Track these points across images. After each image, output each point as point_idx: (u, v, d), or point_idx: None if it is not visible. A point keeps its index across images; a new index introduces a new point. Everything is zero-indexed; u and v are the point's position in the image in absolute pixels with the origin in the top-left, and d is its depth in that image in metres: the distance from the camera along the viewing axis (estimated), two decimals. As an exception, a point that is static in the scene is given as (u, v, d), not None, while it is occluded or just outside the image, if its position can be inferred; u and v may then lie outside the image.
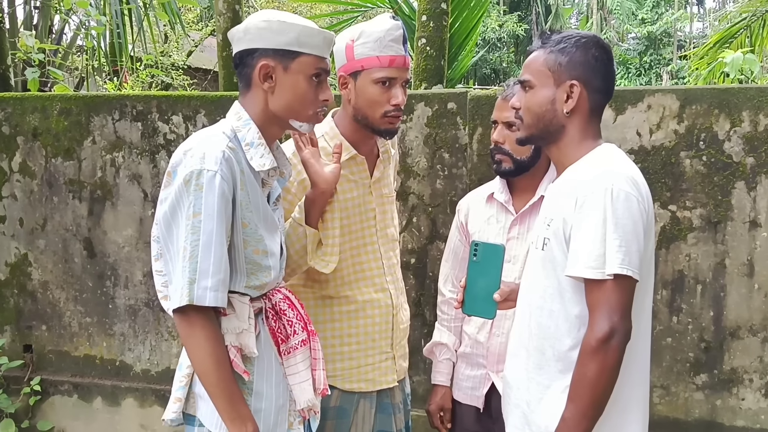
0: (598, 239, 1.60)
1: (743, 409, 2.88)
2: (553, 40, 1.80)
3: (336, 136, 2.18)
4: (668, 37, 27.05)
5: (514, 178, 2.37)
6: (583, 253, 1.61)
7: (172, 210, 1.72)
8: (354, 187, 2.21)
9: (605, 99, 1.80)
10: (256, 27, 1.80)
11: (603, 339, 1.58)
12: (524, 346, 1.80)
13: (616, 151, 1.78)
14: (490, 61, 25.39)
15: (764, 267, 2.81)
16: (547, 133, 1.80)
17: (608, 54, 1.78)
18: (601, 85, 1.77)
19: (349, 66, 2.11)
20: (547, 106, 1.78)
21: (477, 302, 1.87)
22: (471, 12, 5.68)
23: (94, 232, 3.54)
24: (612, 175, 1.65)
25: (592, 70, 1.75)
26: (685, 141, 2.84)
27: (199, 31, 13.26)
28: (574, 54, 1.75)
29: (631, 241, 1.60)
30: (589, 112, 1.77)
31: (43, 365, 3.67)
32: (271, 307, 1.89)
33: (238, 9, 4.84)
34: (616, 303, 1.60)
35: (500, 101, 2.37)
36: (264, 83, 1.81)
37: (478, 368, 2.41)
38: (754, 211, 2.81)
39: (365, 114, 2.13)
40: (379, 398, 2.28)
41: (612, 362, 1.60)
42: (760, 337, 2.84)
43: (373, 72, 2.09)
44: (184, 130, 3.39)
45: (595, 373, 1.60)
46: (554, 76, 1.77)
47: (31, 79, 4.46)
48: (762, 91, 2.79)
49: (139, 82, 9.64)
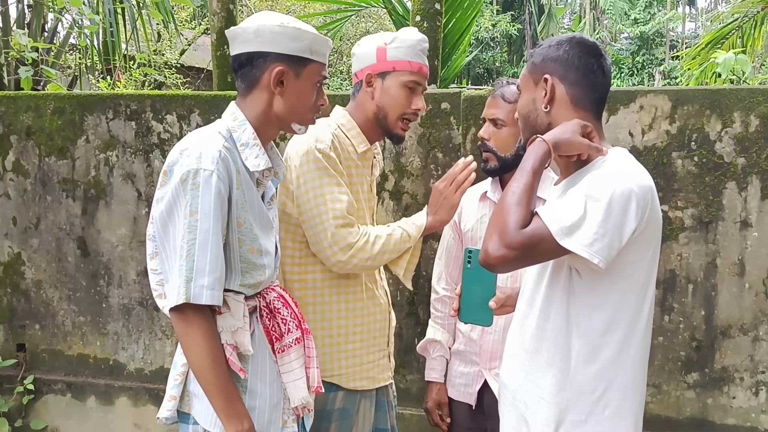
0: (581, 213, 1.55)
1: (734, 407, 2.90)
2: (534, 49, 1.84)
3: (354, 127, 2.26)
4: (660, 37, 27.17)
5: (501, 175, 2.41)
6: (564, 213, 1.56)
7: (168, 209, 1.73)
8: (364, 181, 2.30)
9: (590, 92, 1.76)
10: (271, 31, 1.81)
11: (505, 238, 1.56)
12: (523, 347, 1.80)
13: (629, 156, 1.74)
14: (484, 61, 25.47)
15: (755, 266, 2.84)
16: (536, 133, 1.79)
17: (587, 48, 1.77)
18: (578, 77, 1.74)
19: (380, 66, 2.22)
20: (530, 106, 1.80)
21: (473, 310, 1.87)
22: (464, 12, 5.69)
23: (87, 231, 3.54)
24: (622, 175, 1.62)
25: (564, 64, 1.75)
26: (677, 141, 2.86)
27: (192, 29, 13.24)
28: (548, 52, 1.78)
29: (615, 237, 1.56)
30: (572, 106, 1.75)
31: (37, 364, 3.67)
32: (266, 306, 1.91)
33: (232, 8, 4.84)
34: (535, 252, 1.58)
35: (489, 98, 2.41)
36: (276, 87, 1.83)
37: (472, 365, 2.44)
38: (745, 211, 2.83)
39: (386, 113, 2.23)
40: (377, 396, 2.32)
41: (484, 246, 1.60)
42: (751, 336, 2.86)
43: (403, 75, 2.21)
44: (178, 130, 3.39)
45: None
46: (533, 77, 1.80)
47: (24, 78, 4.45)
48: (753, 92, 2.82)
49: (132, 81, 9.62)
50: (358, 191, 2.24)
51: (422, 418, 3.07)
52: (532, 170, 1.63)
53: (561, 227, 1.55)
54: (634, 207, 1.58)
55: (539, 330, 1.75)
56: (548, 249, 1.57)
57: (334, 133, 2.19)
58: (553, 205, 1.61)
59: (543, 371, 1.74)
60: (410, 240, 2.21)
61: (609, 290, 1.65)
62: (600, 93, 1.79)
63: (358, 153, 2.24)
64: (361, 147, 2.25)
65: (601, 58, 1.78)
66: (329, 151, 2.13)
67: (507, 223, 1.57)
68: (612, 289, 1.65)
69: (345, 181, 2.16)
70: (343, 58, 16.53)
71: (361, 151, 2.25)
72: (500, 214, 1.59)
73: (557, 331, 1.71)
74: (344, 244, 2.10)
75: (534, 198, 1.63)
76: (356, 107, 2.28)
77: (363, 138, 2.26)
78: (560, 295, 1.71)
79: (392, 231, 2.20)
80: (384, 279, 2.39)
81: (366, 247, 2.13)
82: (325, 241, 2.11)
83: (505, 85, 2.39)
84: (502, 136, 2.35)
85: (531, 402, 1.76)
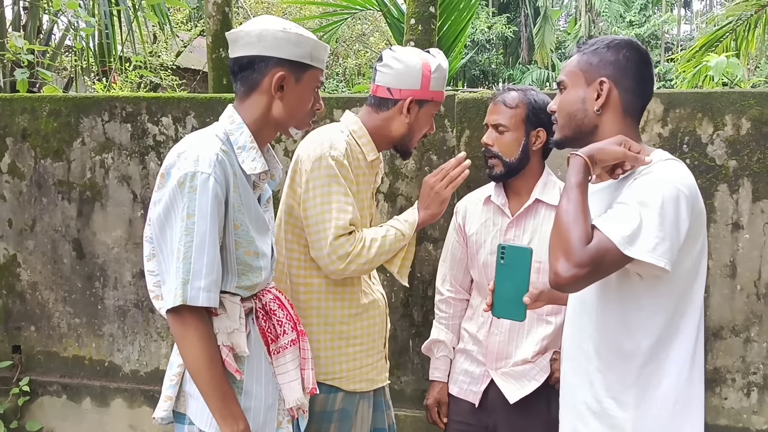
0: (638, 220, 1.57)
1: (726, 408, 2.92)
2: (587, 44, 1.82)
3: (365, 135, 2.26)
4: (656, 39, 27.24)
5: (506, 180, 2.43)
6: (623, 223, 1.57)
7: (165, 211, 1.75)
8: (368, 189, 2.31)
9: (640, 101, 1.79)
10: (274, 36, 1.83)
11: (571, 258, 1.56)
12: (581, 348, 1.81)
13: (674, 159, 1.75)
14: (479, 63, 25.51)
15: (746, 268, 2.86)
16: (580, 133, 1.80)
17: (642, 56, 1.78)
18: (633, 85, 1.76)
19: (422, 94, 2.23)
20: (578, 105, 1.78)
21: (506, 305, 1.87)
22: (459, 15, 5.70)
23: (83, 233, 3.54)
24: (672, 177, 1.63)
25: (622, 70, 1.75)
26: (669, 144, 2.88)
27: (188, 31, 13.24)
28: (605, 54, 1.76)
29: (675, 237, 1.59)
30: (622, 112, 1.76)
31: (32, 366, 3.67)
32: (261, 307, 1.92)
33: (228, 11, 4.85)
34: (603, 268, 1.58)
35: (491, 105, 2.43)
36: (276, 92, 1.85)
37: (478, 365, 2.46)
38: (737, 214, 2.85)
39: (413, 138, 2.29)
40: (375, 397, 2.34)
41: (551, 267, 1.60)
42: (743, 338, 2.88)
43: (435, 106, 2.28)
44: (173, 132, 3.40)
45: None
46: (585, 76, 1.78)
47: (20, 80, 4.45)
48: (744, 95, 2.84)
49: (128, 83, 9.62)
50: (363, 199, 2.26)
51: (416, 419, 3.09)
52: (576, 186, 1.63)
53: (623, 237, 1.55)
54: (684, 206, 1.60)
55: (596, 331, 1.76)
56: (614, 260, 1.57)
57: (347, 140, 2.19)
58: (607, 217, 1.62)
59: (602, 372, 1.74)
60: (404, 238, 2.23)
61: (670, 290, 1.66)
62: (646, 101, 1.81)
63: (367, 161, 2.25)
64: (371, 155, 2.26)
65: (651, 66, 1.80)
66: (343, 158, 2.13)
67: (571, 242, 1.56)
68: (672, 289, 1.67)
69: (354, 190, 2.17)
70: (338, 60, 16.55)
71: (370, 159, 2.26)
72: (560, 235, 1.59)
73: (615, 332, 1.72)
74: (342, 253, 2.11)
75: (587, 212, 1.62)
76: (377, 119, 2.27)
77: (373, 146, 2.26)
78: (615, 296, 1.72)
79: (386, 232, 2.21)
80: (379, 282, 2.42)
81: (363, 253, 2.14)
82: (325, 249, 2.11)
83: (506, 91, 2.41)
84: (505, 141, 2.37)
85: (592, 403, 1.76)
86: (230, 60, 1.90)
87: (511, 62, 27.23)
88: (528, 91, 2.40)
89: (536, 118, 2.34)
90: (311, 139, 2.18)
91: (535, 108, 2.35)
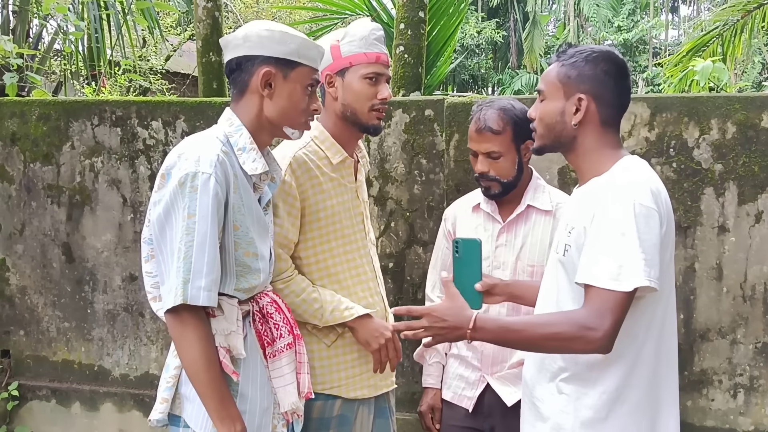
0: (619, 251, 1.61)
1: (713, 409, 2.95)
2: (566, 54, 1.83)
3: (327, 138, 2.22)
4: (644, 44, 27.37)
5: (504, 197, 2.43)
6: (604, 263, 1.62)
7: (166, 212, 1.75)
8: (344, 191, 2.25)
9: (618, 112, 1.82)
10: (258, 35, 1.85)
11: (589, 329, 1.61)
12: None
13: (639, 162, 1.79)
14: (469, 67, 25.57)
15: (732, 271, 2.89)
16: (559, 144, 1.84)
17: (619, 68, 1.80)
18: (611, 98, 1.79)
19: (336, 64, 2.18)
20: (556, 117, 1.81)
21: (463, 295, 1.92)
22: (449, 20, 5.73)
23: (72, 237, 3.53)
24: (635, 189, 1.67)
25: (601, 84, 1.77)
26: (656, 148, 2.91)
27: (177, 35, 13.20)
28: (584, 68, 1.78)
29: (655, 255, 1.63)
30: (600, 124, 1.79)
31: (21, 370, 3.66)
32: (258, 311, 1.93)
33: (218, 16, 4.85)
34: (619, 314, 1.62)
35: (474, 134, 2.39)
36: (264, 90, 1.87)
37: (473, 370, 2.46)
38: (723, 217, 2.88)
39: (354, 109, 2.18)
40: (377, 403, 2.30)
41: (579, 349, 1.67)
42: (729, 339, 2.91)
43: (361, 68, 2.17)
44: (163, 136, 3.40)
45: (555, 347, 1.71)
46: (564, 89, 1.80)
47: (9, 84, 4.43)
48: (729, 99, 2.87)
49: (117, 87, 9.59)
50: (334, 205, 2.20)
51: (407, 423, 3.10)
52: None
53: (614, 277, 1.61)
54: (656, 219, 1.65)
55: None
56: (621, 300, 1.61)
57: (303, 152, 2.16)
58: (589, 264, 1.66)
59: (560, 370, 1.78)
60: (320, 320, 2.15)
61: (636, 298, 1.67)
62: (624, 110, 1.84)
63: (333, 164, 2.21)
64: (336, 158, 2.21)
65: (629, 77, 1.83)
66: (289, 177, 2.11)
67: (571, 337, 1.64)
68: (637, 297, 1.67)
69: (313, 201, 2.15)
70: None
71: (336, 162, 2.21)
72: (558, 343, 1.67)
73: None
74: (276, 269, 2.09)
75: (537, 321, 1.77)
76: (325, 112, 2.24)
77: (338, 148, 2.21)
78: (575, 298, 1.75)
79: (314, 299, 2.15)
80: (379, 285, 2.36)
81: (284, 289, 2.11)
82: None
83: (484, 113, 2.36)
84: (501, 165, 2.36)
85: (548, 399, 1.80)
86: (224, 65, 1.94)
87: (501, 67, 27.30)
88: (506, 109, 2.36)
89: (522, 132, 2.32)
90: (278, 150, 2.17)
91: (518, 124, 2.33)
